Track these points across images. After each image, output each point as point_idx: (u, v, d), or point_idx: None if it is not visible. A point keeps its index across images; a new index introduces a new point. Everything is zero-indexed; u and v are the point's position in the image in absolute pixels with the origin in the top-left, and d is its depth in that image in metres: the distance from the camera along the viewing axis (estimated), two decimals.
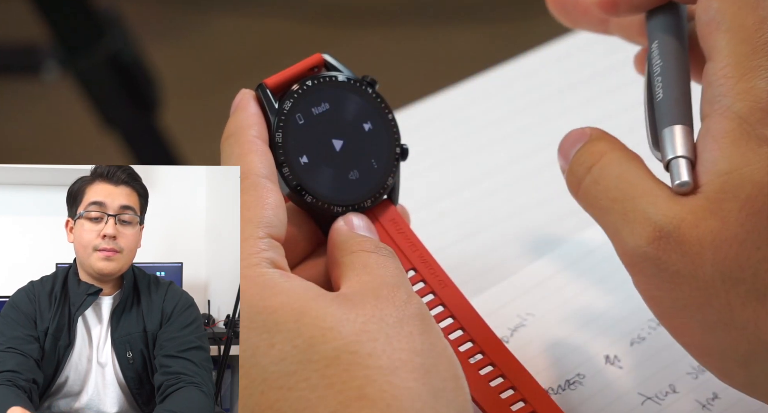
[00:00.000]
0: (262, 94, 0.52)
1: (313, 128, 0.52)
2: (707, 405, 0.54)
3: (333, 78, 0.52)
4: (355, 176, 0.52)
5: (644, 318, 0.58)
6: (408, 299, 0.47)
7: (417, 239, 0.53)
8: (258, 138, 0.50)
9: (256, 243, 0.47)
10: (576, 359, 0.57)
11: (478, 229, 0.66)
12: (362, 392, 0.43)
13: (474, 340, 0.52)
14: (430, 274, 0.52)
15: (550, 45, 0.78)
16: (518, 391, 0.51)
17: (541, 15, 0.66)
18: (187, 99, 1.84)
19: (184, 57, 2.01)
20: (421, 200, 0.68)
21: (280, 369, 0.44)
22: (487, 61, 0.85)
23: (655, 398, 0.55)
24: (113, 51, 1.30)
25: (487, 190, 0.68)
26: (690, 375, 0.56)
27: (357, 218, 0.51)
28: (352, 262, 0.48)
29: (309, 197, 0.51)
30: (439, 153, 0.71)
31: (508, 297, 0.61)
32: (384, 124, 0.53)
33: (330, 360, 0.43)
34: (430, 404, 0.44)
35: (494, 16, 1.97)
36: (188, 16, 2.09)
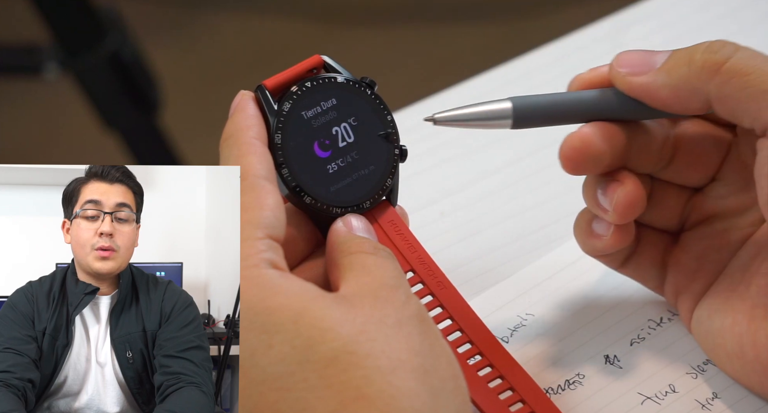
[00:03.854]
0: (261, 96, 0.51)
1: (312, 129, 0.52)
2: (707, 405, 0.54)
3: (332, 79, 0.52)
4: (354, 178, 0.52)
5: (644, 318, 0.58)
6: (407, 301, 0.47)
7: (416, 241, 0.53)
8: (257, 139, 0.50)
9: (256, 244, 0.47)
10: (576, 359, 0.57)
11: (478, 229, 0.66)
12: (361, 392, 0.43)
13: (472, 341, 0.52)
14: (429, 275, 0.52)
15: (550, 45, 0.78)
16: (517, 392, 0.51)
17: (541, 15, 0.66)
18: (187, 99, 1.84)
19: (184, 57, 2.00)
20: (421, 200, 0.68)
21: (279, 370, 0.44)
22: (487, 61, 0.85)
23: (655, 398, 0.55)
24: (113, 51, 1.30)
25: (487, 190, 0.68)
26: (690, 375, 0.56)
27: (356, 220, 0.51)
28: (350, 263, 0.48)
29: (308, 198, 0.51)
30: (439, 153, 0.71)
31: (508, 297, 0.60)
32: (383, 125, 0.53)
33: (329, 361, 0.43)
34: (429, 404, 0.44)
35: (494, 16, 1.97)
36: (188, 16, 2.09)
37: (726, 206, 0.55)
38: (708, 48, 0.50)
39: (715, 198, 0.55)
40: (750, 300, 0.52)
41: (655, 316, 0.58)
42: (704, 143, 0.54)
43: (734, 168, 0.54)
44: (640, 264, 0.56)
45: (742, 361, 0.53)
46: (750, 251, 0.54)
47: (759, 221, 0.54)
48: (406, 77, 1.76)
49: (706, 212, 0.55)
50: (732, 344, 0.53)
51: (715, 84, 0.50)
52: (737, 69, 0.49)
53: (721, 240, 0.55)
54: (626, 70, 0.52)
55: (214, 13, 2.09)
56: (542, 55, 0.78)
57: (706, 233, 0.55)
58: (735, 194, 0.55)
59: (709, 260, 0.55)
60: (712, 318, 0.54)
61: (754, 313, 0.52)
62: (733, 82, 0.49)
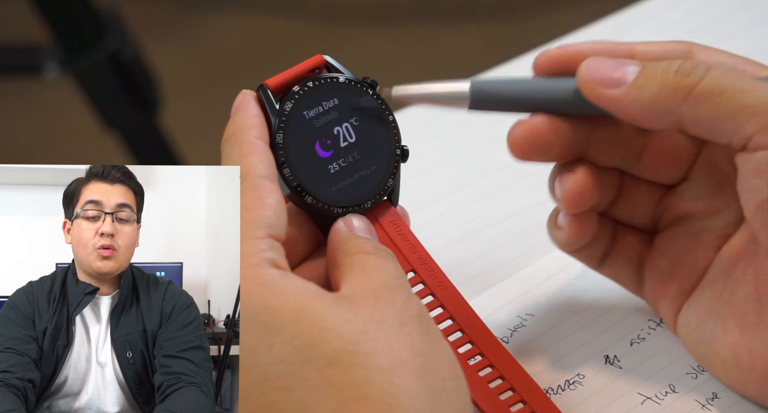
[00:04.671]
0: (263, 95, 0.52)
1: (313, 129, 0.52)
2: (707, 405, 0.54)
3: (334, 79, 0.52)
4: (356, 178, 0.52)
5: (644, 317, 0.58)
6: (407, 301, 0.47)
7: (417, 241, 0.53)
8: (258, 139, 0.50)
9: (257, 243, 0.47)
10: (576, 359, 0.57)
11: (478, 229, 0.66)
12: (362, 392, 0.43)
13: (473, 341, 0.52)
14: (430, 276, 0.52)
15: (549, 45, 0.78)
16: (517, 392, 0.51)
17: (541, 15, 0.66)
18: (187, 99, 1.84)
19: (184, 57, 2.01)
20: (421, 200, 0.68)
21: (280, 369, 0.44)
22: (487, 61, 0.85)
23: (655, 398, 0.55)
24: (113, 51, 1.30)
25: (487, 190, 0.68)
26: (690, 375, 0.56)
27: (357, 220, 0.51)
28: (351, 263, 0.48)
29: (309, 197, 0.51)
30: (439, 153, 0.71)
31: (508, 297, 0.61)
32: (384, 125, 0.53)
33: (330, 360, 0.43)
34: (430, 404, 0.44)
35: (494, 16, 1.97)
36: (188, 16, 2.09)
37: (699, 207, 0.55)
38: (679, 70, 0.50)
39: (688, 199, 0.55)
40: (739, 307, 0.52)
41: (655, 316, 0.58)
42: (674, 141, 0.54)
43: (705, 169, 0.54)
44: (616, 264, 0.56)
45: (738, 370, 0.52)
46: (730, 256, 0.54)
47: (733, 224, 0.54)
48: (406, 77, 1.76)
49: (679, 212, 0.55)
50: (726, 353, 0.53)
51: (687, 106, 0.49)
52: (710, 90, 0.49)
53: (695, 242, 0.55)
54: (595, 82, 0.51)
55: (215, 13, 2.09)
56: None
57: (680, 234, 0.55)
58: (707, 195, 0.54)
59: (683, 262, 0.55)
60: (702, 327, 0.53)
61: (745, 321, 0.52)
62: (706, 104, 0.49)
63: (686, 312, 0.55)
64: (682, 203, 0.55)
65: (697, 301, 0.54)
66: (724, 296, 0.53)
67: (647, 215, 0.56)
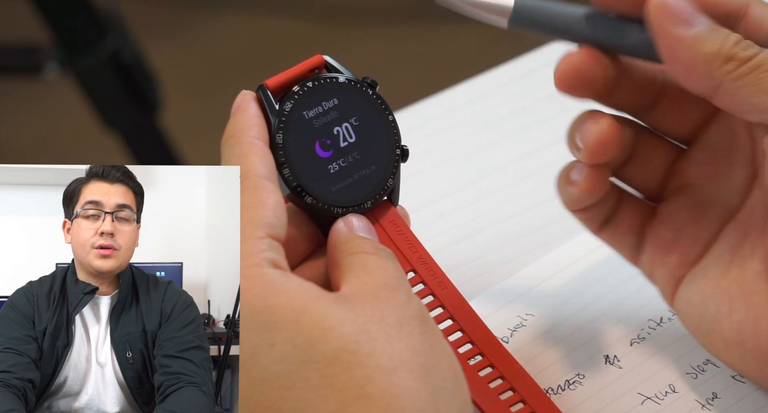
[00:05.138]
0: (263, 95, 0.51)
1: (313, 129, 0.52)
2: (707, 405, 0.54)
3: (334, 79, 0.52)
4: (356, 178, 0.52)
5: (644, 318, 0.58)
6: (408, 300, 0.47)
7: (417, 241, 0.53)
8: (258, 139, 0.50)
9: (257, 243, 0.47)
10: (576, 359, 0.57)
11: (478, 229, 0.66)
12: (362, 391, 0.43)
13: (473, 341, 0.52)
14: (430, 275, 0.52)
15: (549, 45, 0.78)
16: (517, 392, 0.51)
17: None
18: (187, 99, 1.84)
19: (184, 57, 2.01)
20: (421, 200, 0.68)
21: (280, 369, 0.44)
22: (487, 61, 0.84)
23: (655, 398, 0.55)
24: (113, 51, 1.30)
25: (487, 190, 0.68)
26: (690, 375, 0.56)
27: (357, 220, 0.51)
28: (351, 263, 0.48)
29: (309, 198, 0.51)
30: (439, 153, 0.71)
31: (508, 297, 0.61)
32: (384, 125, 0.53)
33: (330, 360, 0.44)
34: (430, 404, 0.44)
35: None
36: (188, 16, 2.09)
37: (706, 173, 0.54)
38: (737, 43, 0.50)
39: (697, 163, 0.55)
40: (746, 286, 0.52)
41: (655, 316, 0.58)
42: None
43: (720, 132, 0.54)
44: (617, 230, 0.56)
45: (742, 350, 0.52)
46: (737, 232, 0.53)
47: (738, 196, 0.54)
48: (406, 77, 1.76)
49: (687, 179, 0.55)
50: (730, 332, 0.52)
51: (731, 78, 0.49)
52: (757, 65, 0.49)
53: (700, 213, 0.54)
54: (667, 14, 0.50)
55: (215, 13, 2.09)
56: (542, 55, 0.78)
57: (685, 204, 0.55)
58: (717, 161, 0.54)
59: (686, 232, 0.55)
60: (706, 303, 0.53)
61: (752, 300, 0.51)
62: (749, 79, 0.49)
63: (688, 286, 0.54)
64: (690, 168, 0.55)
65: (702, 275, 0.54)
66: (731, 273, 0.53)
67: (656, 178, 0.56)
